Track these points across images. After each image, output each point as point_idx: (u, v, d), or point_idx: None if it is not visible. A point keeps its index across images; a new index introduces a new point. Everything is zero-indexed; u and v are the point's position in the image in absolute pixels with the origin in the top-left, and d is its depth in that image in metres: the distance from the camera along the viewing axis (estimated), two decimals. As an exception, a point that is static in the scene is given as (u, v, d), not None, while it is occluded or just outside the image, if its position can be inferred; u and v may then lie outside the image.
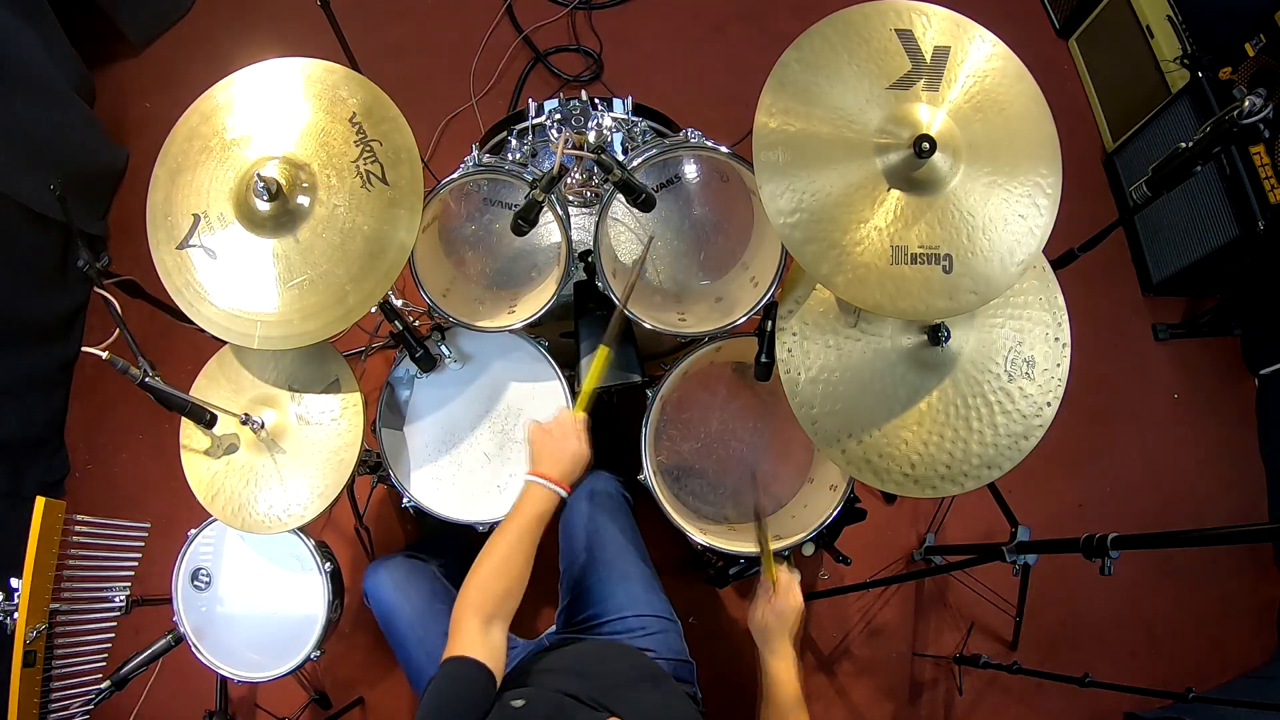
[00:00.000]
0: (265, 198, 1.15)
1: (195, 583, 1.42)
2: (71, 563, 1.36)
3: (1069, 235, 1.54)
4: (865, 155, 1.10)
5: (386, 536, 2.08)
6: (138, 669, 1.42)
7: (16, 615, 1.27)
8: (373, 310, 1.23)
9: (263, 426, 1.33)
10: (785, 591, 1.23)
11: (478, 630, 1.02)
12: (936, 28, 1.12)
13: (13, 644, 1.27)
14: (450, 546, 1.88)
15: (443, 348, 1.49)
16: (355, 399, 1.36)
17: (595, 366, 1.29)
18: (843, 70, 1.11)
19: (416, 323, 1.62)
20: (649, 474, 1.45)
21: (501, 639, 1.05)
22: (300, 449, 1.35)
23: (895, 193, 1.10)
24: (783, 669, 1.16)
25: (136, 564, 1.48)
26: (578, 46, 2.57)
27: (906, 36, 1.12)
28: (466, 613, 1.04)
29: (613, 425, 2.06)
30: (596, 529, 1.43)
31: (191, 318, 1.22)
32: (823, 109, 1.10)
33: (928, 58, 1.12)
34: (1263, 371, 2.34)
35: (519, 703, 0.96)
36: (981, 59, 1.12)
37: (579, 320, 1.53)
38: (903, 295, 1.10)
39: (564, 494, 1.13)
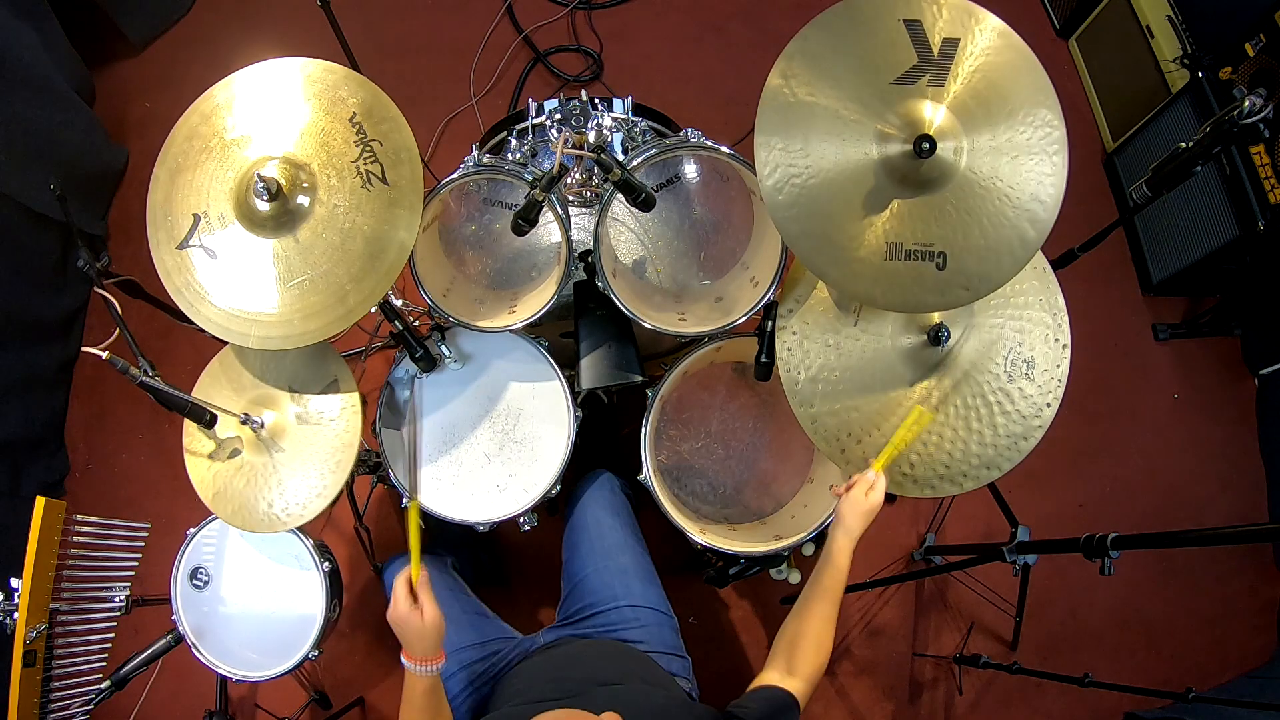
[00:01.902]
0: (265, 198, 1.15)
1: (194, 582, 1.43)
2: (71, 563, 1.35)
3: (1069, 235, 1.54)
4: (865, 151, 1.09)
5: (386, 537, 2.08)
6: (138, 669, 1.42)
7: (16, 615, 1.27)
8: (373, 310, 1.22)
9: (262, 426, 1.33)
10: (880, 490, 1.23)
11: None
12: (947, 17, 1.08)
13: (13, 644, 1.27)
14: (458, 543, 1.91)
15: (443, 348, 1.49)
16: (354, 399, 1.36)
17: (412, 520, 1.15)
18: (845, 64, 1.09)
19: (416, 323, 1.62)
20: (649, 474, 1.45)
21: None
22: (299, 449, 1.35)
23: (893, 189, 1.09)
24: (847, 548, 1.18)
25: (136, 564, 1.48)
26: (578, 46, 2.57)
27: (915, 28, 1.09)
28: None
29: (613, 425, 2.07)
30: (599, 523, 1.49)
31: (191, 318, 1.21)
32: (824, 104, 1.09)
33: (935, 50, 1.09)
34: (1263, 371, 2.34)
35: None
36: (984, 45, 1.09)
37: (579, 320, 1.53)
38: (894, 289, 1.11)
39: (434, 669, 1.12)
